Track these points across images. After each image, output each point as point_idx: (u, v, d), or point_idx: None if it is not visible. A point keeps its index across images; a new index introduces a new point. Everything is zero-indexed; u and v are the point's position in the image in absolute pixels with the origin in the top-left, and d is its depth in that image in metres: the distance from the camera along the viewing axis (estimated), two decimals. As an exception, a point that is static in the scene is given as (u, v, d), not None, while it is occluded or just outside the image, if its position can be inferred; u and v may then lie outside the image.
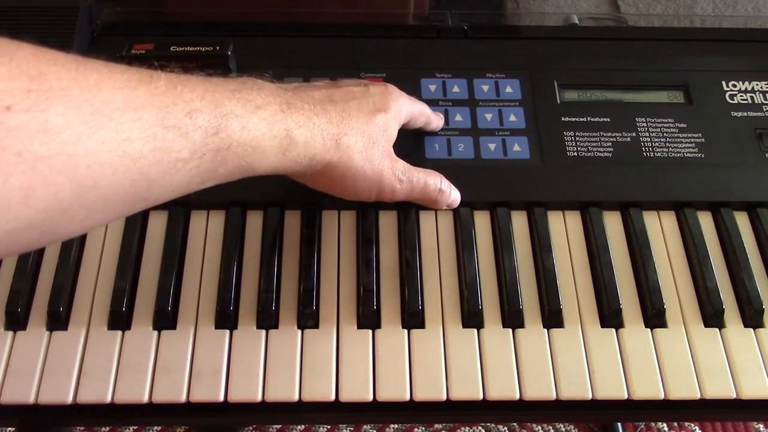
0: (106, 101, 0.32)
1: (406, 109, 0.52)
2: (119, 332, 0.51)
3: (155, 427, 1.09)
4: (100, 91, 0.32)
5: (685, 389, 0.49)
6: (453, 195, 0.54)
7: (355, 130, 0.46)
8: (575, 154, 0.59)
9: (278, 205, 0.56)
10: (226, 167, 0.39)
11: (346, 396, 0.49)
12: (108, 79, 0.33)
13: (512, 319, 0.52)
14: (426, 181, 0.51)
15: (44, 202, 0.31)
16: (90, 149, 0.31)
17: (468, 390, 0.49)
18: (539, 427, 1.10)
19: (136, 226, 0.55)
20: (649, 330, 0.52)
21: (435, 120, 0.58)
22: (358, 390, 0.49)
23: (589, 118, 0.61)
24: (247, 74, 0.43)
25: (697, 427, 1.11)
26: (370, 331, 0.51)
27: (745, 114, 0.61)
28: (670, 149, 0.59)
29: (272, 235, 0.55)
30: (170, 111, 0.35)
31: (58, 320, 0.51)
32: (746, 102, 0.62)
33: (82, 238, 0.55)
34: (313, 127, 0.43)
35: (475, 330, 0.51)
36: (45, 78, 0.30)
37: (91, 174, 0.32)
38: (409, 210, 0.56)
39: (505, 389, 0.49)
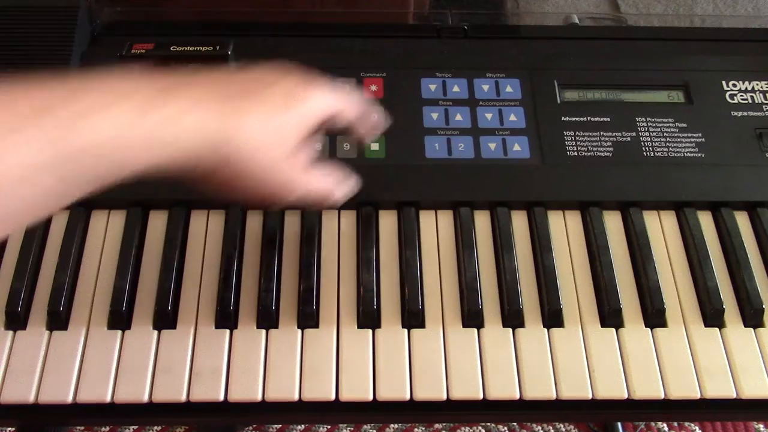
0: None
1: (314, 111, 0.47)
2: (119, 332, 0.51)
3: (155, 427, 1.09)
4: None
5: (685, 389, 0.49)
6: (338, 194, 0.50)
7: (249, 128, 0.43)
8: (575, 153, 0.59)
9: (278, 205, 0.56)
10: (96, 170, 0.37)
11: (346, 395, 0.48)
12: None
13: (512, 318, 0.52)
14: (318, 188, 0.48)
15: None
16: None
17: (468, 389, 0.49)
18: (539, 427, 1.10)
19: (136, 225, 0.55)
20: (649, 330, 0.52)
21: (365, 122, 0.52)
22: (358, 389, 0.49)
23: (589, 118, 0.60)
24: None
25: (697, 427, 1.10)
26: (370, 331, 0.51)
27: (745, 114, 0.61)
28: (670, 149, 0.59)
29: (272, 235, 0.55)
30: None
31: (58, 320, 0.51)
32: (746, 102, 0.62)
33: (82, 238, 0.55)
34: (198, 121, 0.40)
35: (475, 330, 0.51)
36: None
37: None
38: (409, 210, 0.56)
39: (505, 389, 0.49)
